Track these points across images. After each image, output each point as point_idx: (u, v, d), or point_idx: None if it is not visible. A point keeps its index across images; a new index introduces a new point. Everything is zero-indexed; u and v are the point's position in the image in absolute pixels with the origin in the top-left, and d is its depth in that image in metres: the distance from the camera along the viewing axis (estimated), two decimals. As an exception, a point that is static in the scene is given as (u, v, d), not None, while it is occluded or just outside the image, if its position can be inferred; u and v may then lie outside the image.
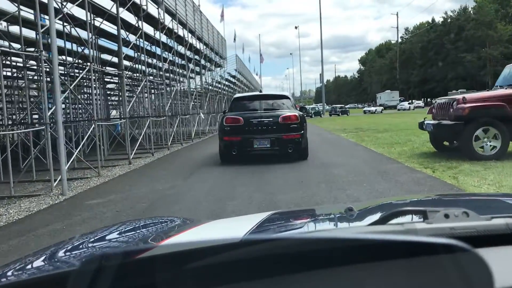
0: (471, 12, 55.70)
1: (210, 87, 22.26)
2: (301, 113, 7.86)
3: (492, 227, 0.63)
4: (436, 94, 70.44)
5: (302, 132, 7.33)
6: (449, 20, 60.72)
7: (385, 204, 1.21)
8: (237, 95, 9.51)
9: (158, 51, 12.38)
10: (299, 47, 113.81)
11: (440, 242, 0.46)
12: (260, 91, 9.53)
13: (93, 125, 7.60)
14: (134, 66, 12.19)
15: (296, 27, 73.03)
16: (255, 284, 0.49)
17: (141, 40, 10.51)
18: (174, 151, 11.46)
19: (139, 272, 0.48)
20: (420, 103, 59.97)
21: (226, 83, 33.06)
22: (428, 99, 69.24)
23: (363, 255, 0.49)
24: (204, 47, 18.29)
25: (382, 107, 49.84)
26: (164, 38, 12.53)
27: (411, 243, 0.49)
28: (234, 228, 1.06)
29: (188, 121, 15.80)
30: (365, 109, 49.56)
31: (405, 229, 0.63)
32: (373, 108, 47.84)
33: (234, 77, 32.72)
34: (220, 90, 24.82)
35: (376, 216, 0.83)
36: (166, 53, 12.73)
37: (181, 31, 13.67)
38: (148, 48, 12.47)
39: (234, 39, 31.77)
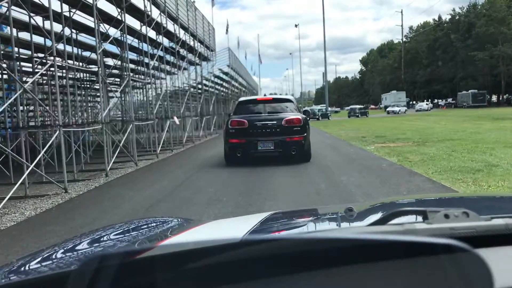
0: (481, 8, 52.27)
1: (195, 84, 18.12)
2: (304, 116, 7.86)
3: (492, 227, 0.63)
4: (443, 95, 67.45)
5: (305, 134, 7.41)
6: (457, 17, 57.43)
7: (385, 204, 1.21)
8: (242, 98, 9.56)
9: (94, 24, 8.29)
10: (299, 47, 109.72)
11: (440, 243, 0.46)
12: (265, 95, 9.80)
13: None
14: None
15: (296, 25, 69.09)
16: (255, 284, 0.49)
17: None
18: (112, 179, 7.23)
19: (139, 272, 0.48)
20: (429, 104, 56.88)
21: (218, 81, 28.82)
22: (435, 100, 65.90)
23: (363, 255, 0.49)
24: (183, 31, 14.19)
25: (405, 108, 46.83)
26: (107, 7, 8.47)
27: (411, 243, 0.49)
28: (234, 228, 1.06)
29: (171, 126, 11.85)
30: (388, 109, 45.95)
31: (405, 229, 0.63)
32: (396, 108, 44.58)
33: (226, 74, 28.52)
34: (207, 89, 20.62)
35: (376, 216, 0.82)
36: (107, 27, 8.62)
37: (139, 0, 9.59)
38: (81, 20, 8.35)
39: (227, 30, 27.63)
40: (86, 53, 10.73)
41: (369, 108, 65.34)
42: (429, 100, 66.02)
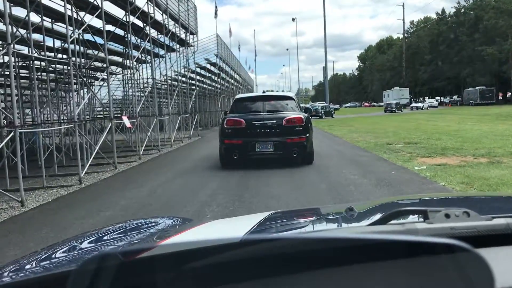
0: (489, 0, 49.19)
1: (170, 76, 14.27)
2: (306, 115, 7.35)
3: (493, 227, 0.62)
4: (447, 92, 64.59)
5: (308, 135, 6.93)
6: (462, 10, 54.39)
7: (385, 204, 1.19)
8: (239, 95, 8.69)
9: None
10: (297, 42, 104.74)
11: (441, 242, 0.46)
12: (263, 92, 8.97)
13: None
14: None
15: (293, 19, 64.86)
16: (255, 284, 0.49)
17: None
18: None
19: (139, 272, 0.47)
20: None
21: (206, 73, 24.88)
22: (437, 98, 63.41)
23: (363, 255, 0.48)
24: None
25: (427, 104, 45.65)
26: None
27: (411, 243, 0.48)
28: (234, 228, 1.05)
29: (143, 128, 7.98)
30: (412, 105, 44.60)
31: (406, 229, 0.63)
32: (420, 104, 43.36)
33: (214, 65, 24.59)
34: (187, 81, 16.73)
35: (376, 216, 0.81)
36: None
37: None
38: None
39: (216, 14, 23.64)
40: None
41: (363, 106, 62.83)
42: (429, 97, 63.76)
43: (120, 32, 10.85)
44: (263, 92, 8.85)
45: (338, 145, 10.75)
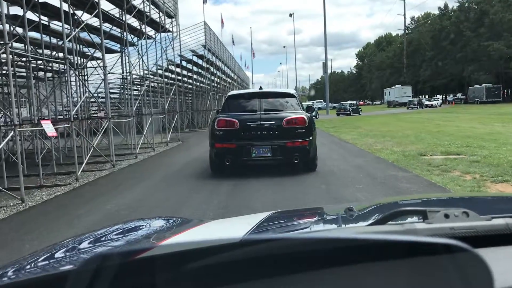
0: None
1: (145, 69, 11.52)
2: (309, 114, 6.62)
3: (492, 227, 0.62)
4: (450, 90, 62.50)
5: (311, 138, 6.27)
6: (466, 5, 52.36)
7: (385, 204, 1.19)
8: (232, 92, 8.00)
9: None
10: (294, 39, 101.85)
11: (440, 242, 0.46)
12: (260, 88, 7.97)
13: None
14: None
15: (290, 15, 61.88)
16: (255, 284, 0.49)
17: None
18: None
19: (139, 272, 0.47)
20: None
21: (190, 66, 22.08)
22: (436, 96, 61.83)
23: (363, 255, 0.48)
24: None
25: (440, 102, 47.39)
26: None
27: (411, 243, 0.48)
28: (234, 228, 1.05)
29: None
30: (426, 103, 45.68)
31: (405, 229, 0.63)
32: (434, 102, 45.25)
33: (202, 57, 21.76)
34: (163, 73, 13.93)
35: (376, 216, 0.81)
36: None
37: None
38: None
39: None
40: None
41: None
42: (429, 95, 62.13)
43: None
44: (260, 88, 7.77)
45: (356, 157, 8.02)
